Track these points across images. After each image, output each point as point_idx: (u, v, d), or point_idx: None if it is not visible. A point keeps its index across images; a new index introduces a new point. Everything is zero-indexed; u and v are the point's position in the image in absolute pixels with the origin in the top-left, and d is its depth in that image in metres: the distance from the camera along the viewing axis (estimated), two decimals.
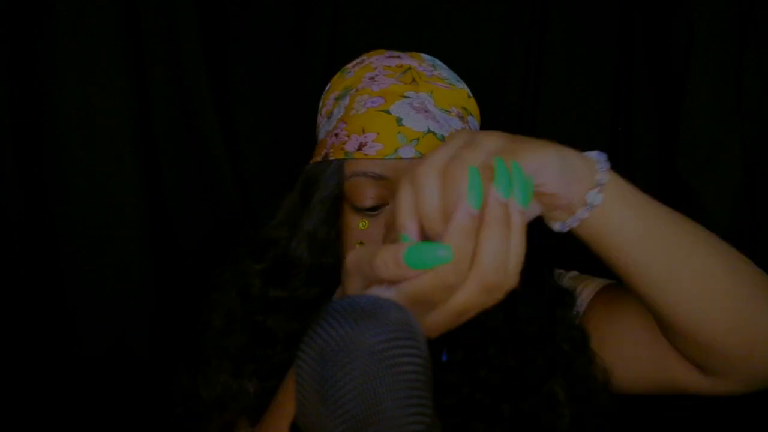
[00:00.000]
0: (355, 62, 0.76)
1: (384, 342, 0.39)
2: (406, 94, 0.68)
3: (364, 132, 0.67)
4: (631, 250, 0.50)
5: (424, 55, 0.76)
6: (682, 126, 0.95)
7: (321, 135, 0.75)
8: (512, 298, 0.69)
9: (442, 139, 0.66)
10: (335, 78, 0.76)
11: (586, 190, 0.48)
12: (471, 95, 0.75)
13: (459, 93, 0.72)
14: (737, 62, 0.94)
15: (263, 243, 0.74)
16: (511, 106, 1.09)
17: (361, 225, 0.67)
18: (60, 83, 0.97)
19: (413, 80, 0.70)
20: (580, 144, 1.09)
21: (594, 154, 0.50)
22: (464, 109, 0.71)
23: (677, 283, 0.51)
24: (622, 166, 1.04)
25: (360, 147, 0.66)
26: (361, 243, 0.67)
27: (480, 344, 0.69)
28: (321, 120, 0.75)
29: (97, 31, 0.96)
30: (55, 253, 1.00)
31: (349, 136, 0.68)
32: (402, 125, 0.66)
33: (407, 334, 0.40)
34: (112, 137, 0.99)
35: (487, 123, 0.79)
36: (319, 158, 0.71)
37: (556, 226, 0.51)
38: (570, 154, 0.48)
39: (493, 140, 0.45)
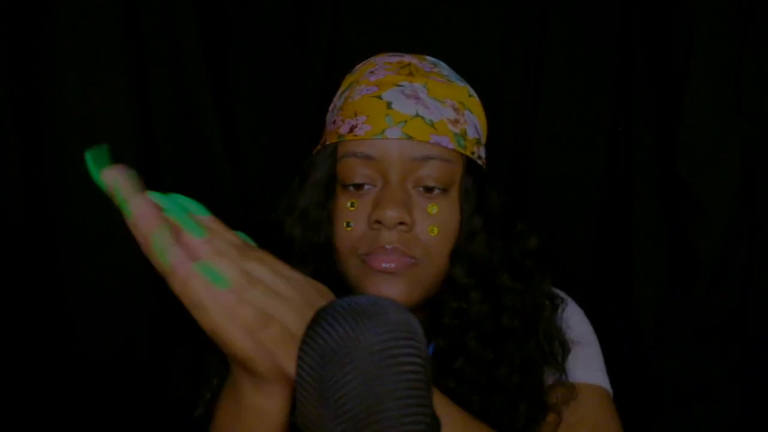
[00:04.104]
0: (362, 62, 0.78)
1: (384, 342, 0.39)
2: (399, 83, 0.70)
3: (356, 115, 0.69)
4: None
5: (429, 57, 0.77)
6: (682, 126, 0.96)
7: (326, 127, 0.76)
8: (500, 290, 0.70)
9: (431, 123, 0.68)
10: (345, 78, 0.78)
11: None
12: (473, 95, 0.76)
13: (458, 89, 0.73)
14: (737, 62, 0.94)
15: (267, 228, 0.76)
16: (511, 106, 1.09)
17: (350, 205, 0.69)
18: (60, 83, 0.97)
19: (410, 73, 0.72)
20: (580, 144, 1.09)
21: None
22: (461, 103, 0.72)
23: None
24: (622, 166, 1.05)
25: (351, 129, 0.69)
26: (348, 223, 0.69)
27: (461, 333, 0.70)
28: (328, 116, 0.77)
29: (97, 31, 0.97)
30: (55, 253, 1.00)
31: (343, 121, 0.71)
32: (391, 108, 0.68)
33: (407, 334, 0.40)
34: (112, 137, 0.99)
35: (488, 124, 0.80)
36: (319, 147, 0.74)
37: None
38: None
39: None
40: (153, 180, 1.03)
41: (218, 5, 1.06)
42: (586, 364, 0.73)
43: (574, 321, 0.77)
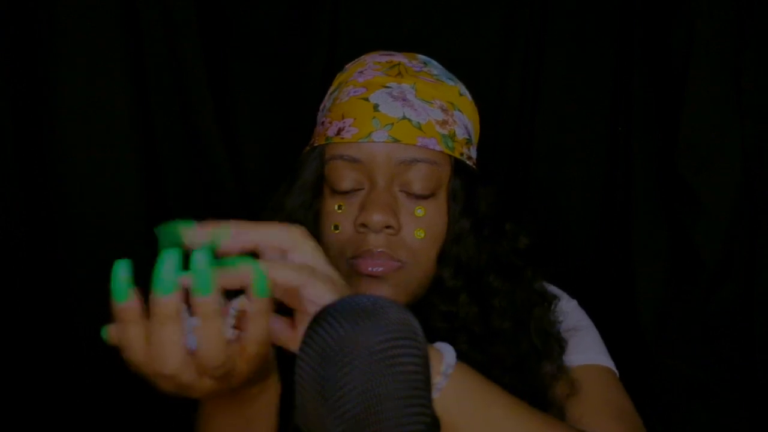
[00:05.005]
0: (353, 61, 0.77)
1: (384, 342, 0.39)
2: (387, 84, 0.70)
3: (343, 118, 0.69)
4: None
5: (420, 56, 0.77)
6: (682, 126, 0.96)
7: (316, 127, 0.76)
8: (488, 292, 0.70)
9: (418, 126, 0.67)
10: (336, 76, 0.77)
11: None
12: (465, 94, 0.75)
13: (447, 89, 0.73)
14: (737, 62, 0.94)
15: None
16: (511, 105, 1.09)
17: (337, 208, 0.69)
18: (60, 83, 0.96)
19: (399, 74, 0.71)
20: (580, 144, 1.09)
21: (443, 349, 0.52)
22: (450, 103, 0.71)
23: None
24: (622, 166, 1.05)
25: (338, 132, 0.69)
26: (336, 226, 0.69)
27: (451, 336, 0.69)
28: (318, 116, 0.77)
29: (97, 31, 0.96)
30: (55, 253, 1.00)
31: (331, 123, 0.71)
32: (377, 111, 0.68)
33: (407, 334, 0.40)
34: (112, 139, 0.99)
35: (488, 123, 0.79)
36: (308, 147, 0.74)
37: None
38: None
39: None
40: (153, 181, 1.03)
41: (218, 5, 1.06)
42: (587, 348, 0.73)
43: (569, 312, 0.76)
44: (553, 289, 0.78)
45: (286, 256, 0.47)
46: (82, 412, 1.01)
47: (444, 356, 0.51)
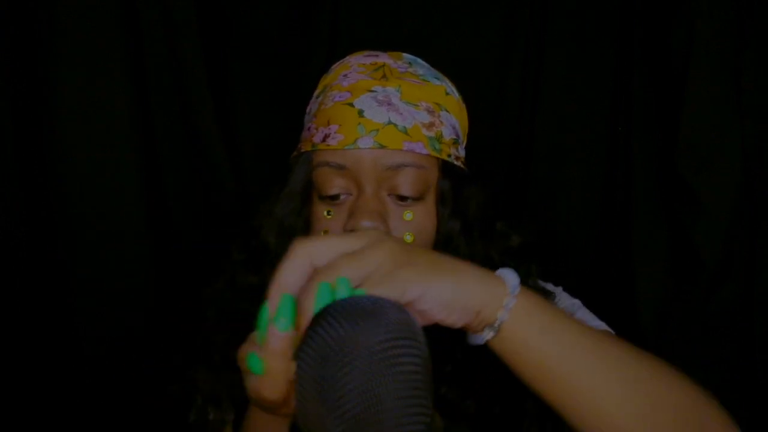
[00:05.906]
0: (338, 62, 0.77)
1: (384, 342, 0.39)
2: (372, 89, 0.69)
3: (328, 124, 0.69)
4: (543, 365, 0.51)
5: (406, 55, 0.77)
6: (682, 126, 0.96)
7: (303, 131, 0.76)
8: None
9: (404, 130, 0.67)
10: (322, 78, 0.77)
11: (492, 311, 0.50)
12: (451, 92, 0.74)
13: (433, 89, 0.72)
14: (737, 62, 0.94)
15: (248, 233, 0.77)
16: (511, 106, 1.09)
17: (326, 214, 0.69)
18: (60, 83, 0.97)
19: (383, 76, 0.71)
20: (580, 144, 1.09)
21: (506, 274, 0.52)
22: (437, 104, 0.71)
23: (594, 391, 0.52)
24: (622, 166, 1.05)
25: (324, 138, 0.69)
26: (326, 232, 0.69)
27: (439, 359, 0.69)
28: (305, 118, 0.77)
29: (97, 31, 0.97)
30: (55, 253, 1.00)
31: (317, 129, 0.70)
32: (362, 117, 0.67)
33: (407, 334, 0.40)
34: (112, 139, 0.99)
35: (488, 123, 0.79)
36: (296, 153, 0.74)
37: (472, 339, 0.52)
38: (468, 281, 0.49)
39: (380, 256, 0.46)
40: (153, 181, 1.03)
41: (218, 5, 1.06)
42: (586, 320, 0.73)
43: (562, 301, 0.76)
44: (546, 286, 0.78)
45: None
46: (82, 412, 1.01)
47: (507, 280, 0.51)
